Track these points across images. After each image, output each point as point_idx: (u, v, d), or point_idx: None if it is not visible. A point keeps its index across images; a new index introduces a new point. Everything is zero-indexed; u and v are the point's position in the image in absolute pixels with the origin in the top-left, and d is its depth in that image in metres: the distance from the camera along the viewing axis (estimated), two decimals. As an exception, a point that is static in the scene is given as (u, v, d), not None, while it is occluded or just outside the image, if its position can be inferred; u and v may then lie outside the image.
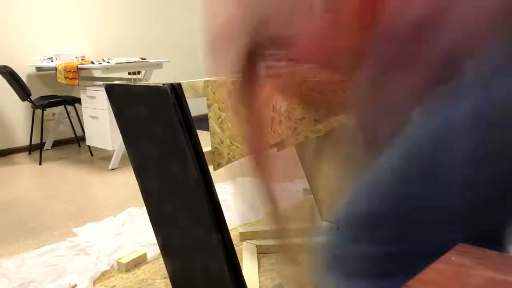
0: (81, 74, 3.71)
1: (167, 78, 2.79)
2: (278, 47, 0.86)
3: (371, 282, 0.69)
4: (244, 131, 1.07)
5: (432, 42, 0.67)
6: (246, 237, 2.04)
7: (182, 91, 1.29)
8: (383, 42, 0.70)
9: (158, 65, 3.73)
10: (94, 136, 3.67)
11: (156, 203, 1.50)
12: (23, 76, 4.10)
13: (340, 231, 0.73)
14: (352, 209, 0.73)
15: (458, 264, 0.48)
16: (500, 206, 0.64)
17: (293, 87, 1.04)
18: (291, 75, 0.92)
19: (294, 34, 0.79)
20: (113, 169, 3.46)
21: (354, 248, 0.71)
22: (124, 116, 1.47)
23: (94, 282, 1.76)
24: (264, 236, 2.05)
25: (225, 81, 1.14)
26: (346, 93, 0.85)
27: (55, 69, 3.90)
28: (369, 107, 0.79)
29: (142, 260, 1.90)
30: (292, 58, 0.86)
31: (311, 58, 0.83)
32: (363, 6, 0.71)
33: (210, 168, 1.38)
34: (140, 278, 1.77)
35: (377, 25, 0.69)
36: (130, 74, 3.95)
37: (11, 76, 3.69)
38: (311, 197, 2.52)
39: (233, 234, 2.09)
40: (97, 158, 3.87)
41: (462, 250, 0.51)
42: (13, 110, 4.16)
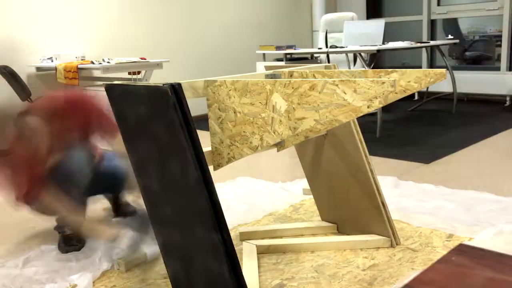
0: (81, 74, 3.71)
1: (167, 78, 2.78)
2: None
3: None
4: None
5: None
6: (246, 237, 2.04)
7: (182, 91, 1.29)
8: None
9: (158, 65, 3.73)
10: (94, 136, 3.66)
11: (156, 203, 1.50)
12: (23, 76, 4.10)
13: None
14: None
15: (458, 264, 0.48)
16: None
17: None
18: None
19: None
20: (113, 169, 3.45)
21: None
22: (124, 116, 1.47)
23: (94, 282, 1.76)
24: (264, 236, 2.05)
25: None
26: None
27: (55, 69, 3.90)
28: None
29: (142, 260, 1.90)
30: None
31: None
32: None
33: (210, 168, 1.38)
34: (140, 278, 1.77)
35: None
36: (130, 74, 3.95)
37: (11, 76, 3.69)
38: (311, 197, 2.52)
39: (233, 234, 2.09)
40: (97, 158, 3.86)
41: (462, 250, 0.51)
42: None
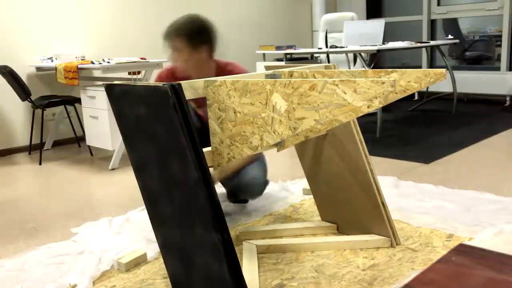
0: (81, 74, 3.71)
1: (167, 78, 2.80)
2: None
3: None
4: None
5: None
6: (246, 237, 2.03)
7: (182, 91, 1.29)
8: None
9: (158, 65, 3.73)
10: (94, 136, 3.67)
11: (156, 203, 1.50)
12: (23, 76, 4.10)
13: None
14: None
15: (458, 264, 0.48)
16: None
17: None
18: None
19: None
20: (113, 169, 3.46)
21: None
22: (124, 116, 1.47)
23: (94, 282, 1.76)
24: (264, 236, 2.05)
25: None
26: None
27: (55, 69, 3.90)
28: None
29: (142, 260, 1.90)
30: None
31: None
32: None
33: (210, 168, 1.38)
34: (140, 278, 1.77)
35: None
36: (130, 74, 3.95)
37: (11, 76, 3.69)
38: (311, 197, 2.52)
39: (233, 234, 2.09)
40: (97, 158, 3.87)
41: (462, 250, 0.51)
42: (13, 110, 4.16)
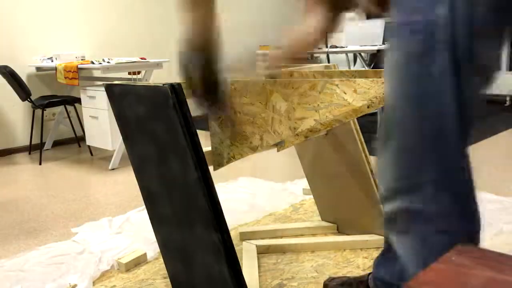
0: (81, 74, 3.71)
1: (167, 78, 2.78)
2: None
3: None
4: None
5: None
6: (246, 237, 2.03)
7: (182, 91, 1.29)
8: None
9: (158, 65, 3.73)
10: (94, 136, 3.67)
11: (156, 203, 1.50)
12: (23, 76, 4.10)
13: None
14: None
15: (458, 264, 0.48)
16: None
17: None
18: None
19: None
20: (113, 169, 3.46)
21: None
22: (124, 116, 1.47)
23: (94, 282, 1.76)
24: (264, 236, 2.05)
25: None
26: None
27: (55, 69, 3.90)
28: None
29: (142, 260, 1.90)
30: None
31: None
32: None
33: (210, 168, 1.38)
34: (140, 278, 1.77)
35: None
36: (130, 74, 3.95)
37: (11, 76, 3.69)
38: (311, 197, 2.52)
39: (233, 234, 2.09)
40: (97, 158, 3.87)
41: (462, 250, 0.51)
42: (13, 110, 4.16)
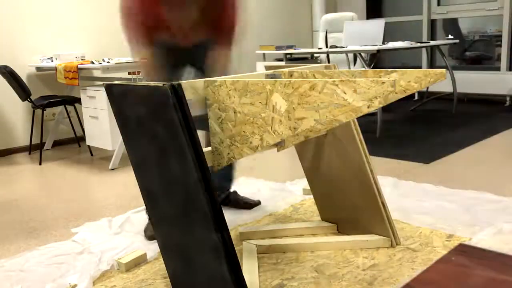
0: (81, 74, 3.71)
1: (167, 78, 2.80)
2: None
3: None
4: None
5: None
6: (246, 237, 2.03)
7: (182, 91, 1.29)
8: None
9: (158, 65, 3.72)
10: (94, 136, 3.67)
11: (156, 203, 1.50)
12: (23, 76, 4.10)
13: None
14: None
15: (458, 264, 0.48)
16: None
17: None
18: None
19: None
20: (113, 169, 3.46)
21: None
22: (124, 116, 1.47)
23: (94, 282, 1.76)
24: (264, 236, 2.05)
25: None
26: None
27: (55, 69, 3.90)
28: None
29: (142, 260, 1.90)
30: None
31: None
32: None
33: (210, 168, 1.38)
34: (140, 278, 1.77)
35: None
36: (130, 74, 3.94)
37: (11, 76, 3.69)
38: (311, 197, 2.52)
39: (233, 234, 2.09)
40: (97, 158, 3.87)
41: (462, 250, 0.51)
42: (13, 110, 4.16)
